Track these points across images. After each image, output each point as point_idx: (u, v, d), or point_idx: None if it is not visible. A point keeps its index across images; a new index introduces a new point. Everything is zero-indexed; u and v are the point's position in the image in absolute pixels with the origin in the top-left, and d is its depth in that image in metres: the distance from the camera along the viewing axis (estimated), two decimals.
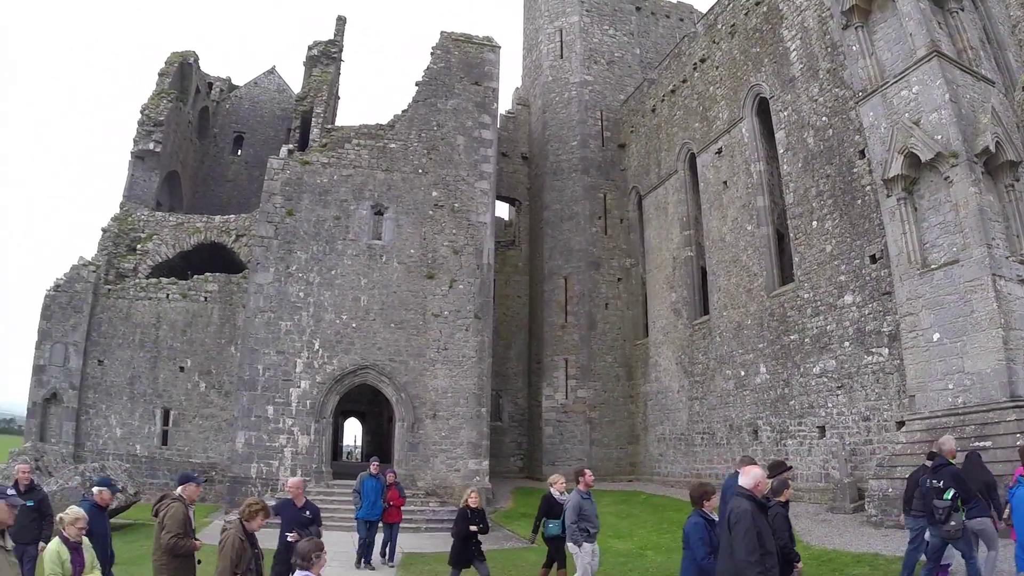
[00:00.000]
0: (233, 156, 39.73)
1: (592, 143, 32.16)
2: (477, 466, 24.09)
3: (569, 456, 28.77)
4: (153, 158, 31.66)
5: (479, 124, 26.98)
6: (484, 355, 24.80)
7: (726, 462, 22.73)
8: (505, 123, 33.77)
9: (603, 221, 31.27)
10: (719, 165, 24.85)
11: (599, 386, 29.70)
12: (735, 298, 23.29)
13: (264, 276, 24.51)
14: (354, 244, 24.97)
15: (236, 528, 7.72)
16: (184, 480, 9.14)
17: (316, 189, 25.35)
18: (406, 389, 24.10)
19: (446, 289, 24.86)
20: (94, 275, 27.71)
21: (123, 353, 27.23)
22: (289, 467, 23.57)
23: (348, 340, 24.24)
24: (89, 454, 26.13)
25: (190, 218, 30.20)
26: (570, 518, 11.18)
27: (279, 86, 40.66)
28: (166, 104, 32.28)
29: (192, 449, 26.68)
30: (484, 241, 25.57)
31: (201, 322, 27.07)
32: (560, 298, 30.35)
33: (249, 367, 23.99)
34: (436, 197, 25.67)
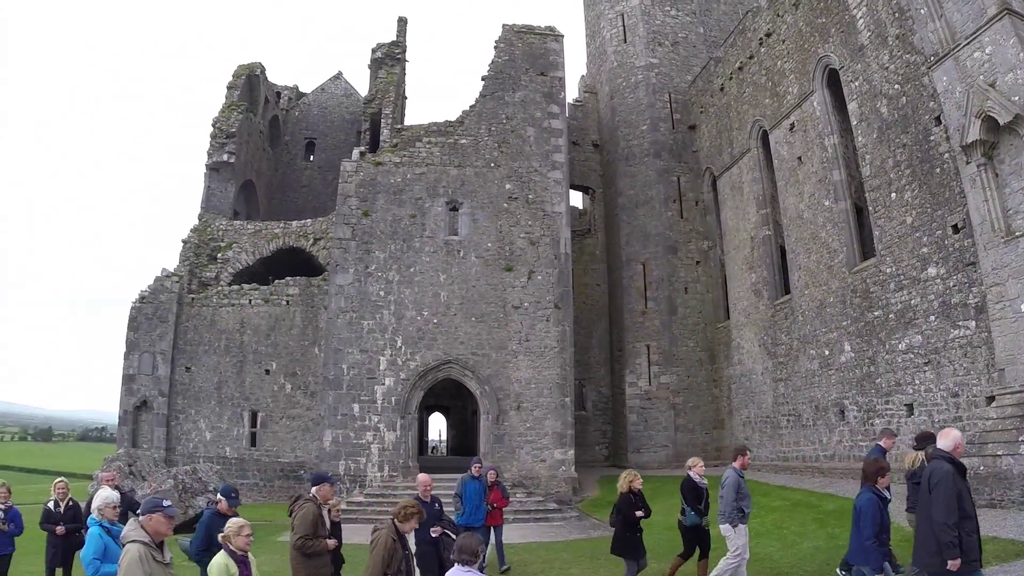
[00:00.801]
0: (305, 162, 40.43)
1: (662, 126, 31.72)
2: (563, 456, 24.03)
3: (654, 443, 28.57)
4: (228, 169, 32.31)
5: (548, 114, 26.88)
6: (566, 345, 24.72)
7: (812, 444, 22.31)
8: (573, 112, 33.52)
9: (678, 204, 30.84)
10: (792, 140, 24.28)
11: (682, 371, 29.33)
12: (816, 276, 22.71)
13: (344, 277, 24.82)
14: (431, 241, 25.14)
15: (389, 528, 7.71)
16: (318, 481, 9.15)
17: (390, 189, 25.57)
18: (489, 382, 24.16)
19: (525, 280, 24.83)
20: (177, 285, 28.37)
21: (209, 359, 27.87)
22: (376, 463, 23.93)
23: (430, 336, 24.42)
24: (180, 458, 26.85)
25: (268, 225, 30.74)
26: (729, 497, 10.82)
27: (346, 90, 41.13)
28: (237, 116, 32.87)
29: (280, 449, 27.16)
30: (560, 231, 25.46)
31: (284, 325, 27.54)
32: (639, 284, 30.02)
33: (334, 367, 24.32)
34: (510, 190, 25.65)
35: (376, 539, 7.64)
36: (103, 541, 7.38)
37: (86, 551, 7.35)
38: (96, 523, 7.62)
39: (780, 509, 16.82)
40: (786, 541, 13.98)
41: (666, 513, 18.55)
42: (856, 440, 20.22)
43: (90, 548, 7.32)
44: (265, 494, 26.82)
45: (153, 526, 6.02)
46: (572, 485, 23.95)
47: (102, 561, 7.25)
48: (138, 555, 5.80)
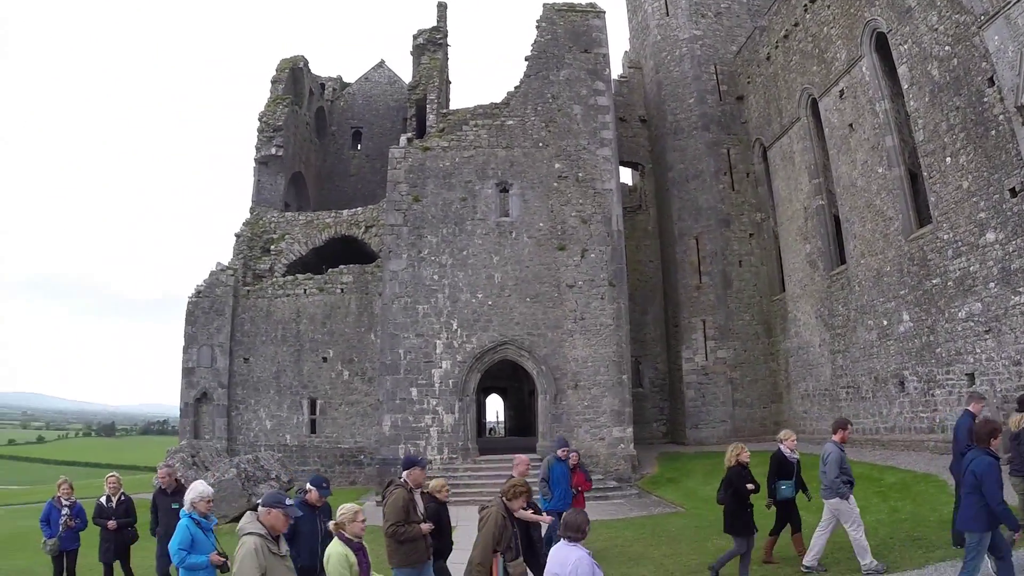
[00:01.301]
0: (353, 151, 40.62)
1: (709, 99, 31.25)
2: (621, 433, 23.94)
3: (712, 418, 28.36)
4: (276, 162, 32.60)
5: (593, 91, 26.62)
6: (621, 322, 24.58)
7: (872, 416, 21.87)
8: (619, 88, 33.12)
9: (729, 177, 30.41)
10: (842, 107, 23.75)
11: (738, 345, 29.02)
12: (871, 244, 22.22)
13: (397, 263, 24.95)
14: (483, 223, 25.13)
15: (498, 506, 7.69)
16: (409, 464, 9.00)
17: (439, 173, 25.61)
18: (546, 361, 24.13)
19: (578, 259, 24.70)
20: (232, 278, 28.74)
21: (267, 349, 28.24)
22: (436, 446, 24.10)
23: (486, 318, 24.46)
24: (241, 447, 27.27)
25: (319, 215, 30.97)
26: (832, 472, 10.50)
27: (389, 78, 41.20)
28: (282, 109, 33.09)
29: (340, 435, 27.47)
30: (612, 208, 25.26)
31: (339, 313, 27.78)
32: (692, 259, 29.70)
33: (390, 352, 24.49)
34: (559, 169, 25.50)
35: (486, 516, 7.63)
36: (190, 532, 7.45)
37: (173, 541, 7.45)
38: (186, 515, 7.64)
39: None
40: None
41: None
42: (917, 411, 19.80)
43: (177, 538, 7.42)
44: None
45: (271, 520, 6.02)
46: (631, 463, 23.89)
47: (188, 552, 7.35)
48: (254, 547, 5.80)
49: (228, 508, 19.39)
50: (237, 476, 19.86)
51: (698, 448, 26.94)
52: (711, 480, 20.78)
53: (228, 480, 19.74)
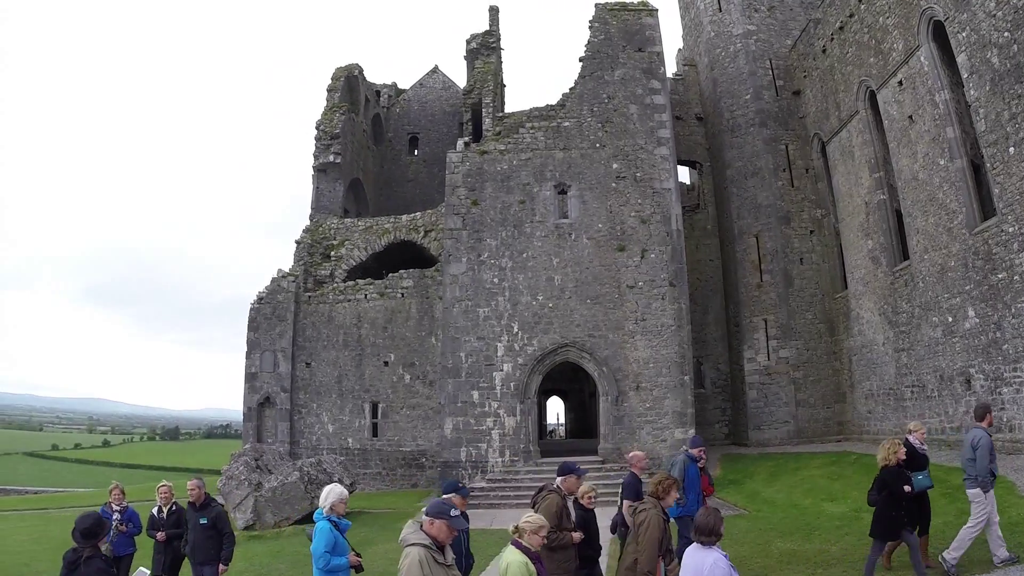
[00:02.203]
0: (410, 157, 41.01)
1: (765, 94, 30.87)
2: (683, 435, 23.53)
3: (774, 419, 27.95)
4: (335, 169, 33.05)
5: (649, 90, 26.47)
6: (682, 322, 24.38)
7: (938, 416, 21.28)
8: (674, 86, 32.90)
9: (788, 173, 29.98)
10: (901, 99, 23.25)
11: (800, 344, 28.55)
12: (935, 239, 21.68)
13: (457, 266, 25.11)
14: (541, 225, 25.13)
15: (654, 507, 7.45)
16: (565, 471, 8.78)
17: (497, 176, 25.70)
18: (607, 363, 24.04)
19: (638, 260, 24.57)
20: (294, 284, 29.18)
21: (328, 354, 28.61)
22: (497, 448, 24.17)
23: (546, 320, 24.45)
24: (304, 450, 27.70)
25: (378, 220, 31.32)
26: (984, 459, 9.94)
27: (444, 83, 41.48)
28: (339, 117, 33.53)
29: (402, 438, 27.71)
30: (671, 207, 25.07)
31: (400, 317, 28.04)
32: (753, 257, 29.34)
33: (451, 355, 24.63)
34: (617, 169, 25.39)
35: (645, 521, 7.37)
36: (333, 535, 7.67)
37: (317, 544, 7.63)
38: (324, 517, 7.83)
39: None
40: None
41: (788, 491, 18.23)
42: None
43: (321, 541, 7.61)
44: (388, 483, 27.50)
45: (434, 531, 5.90)
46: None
47: (332, 554, 7.55)
48: (419, 558, 5.69)
49: (291, 511, 19.71)
50: (300, 479, 20.14)
51: (760, 450, 26.65)
52: (774, 482, 20.61)
53: (291, 483, 20.04)
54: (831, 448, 25.00)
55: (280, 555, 15.43)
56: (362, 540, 16.91)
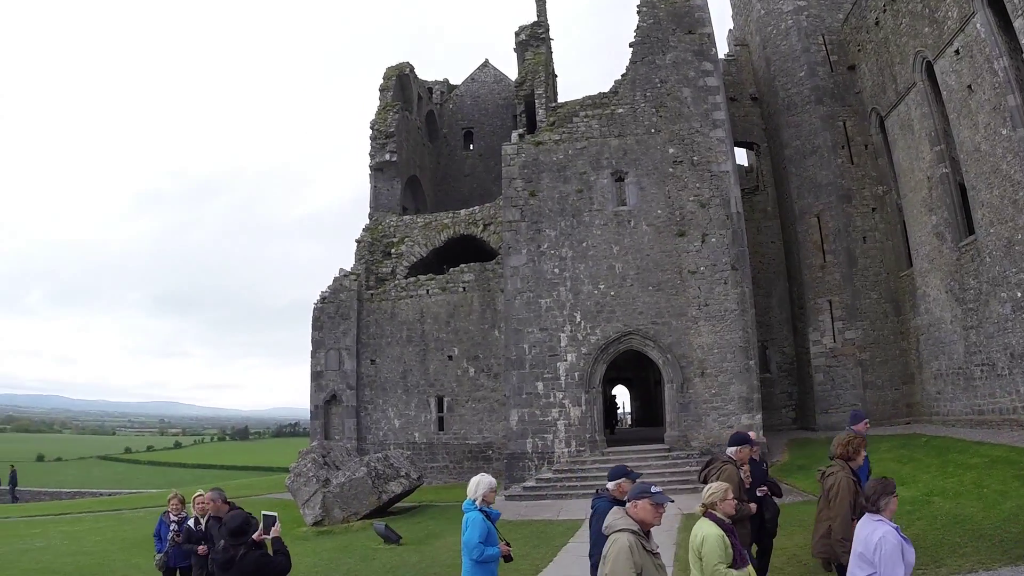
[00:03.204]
0: (466, 151, 41.28)
1: (820, 71, 30.25)
2: (750, 420, 23.32)
3: (842, 402, 27.29)
4: (391, 167, 33.42)
5: (701, 72, 26.10)
6: (746, 306, 24.06)
7: (1009, 395, 20.59)
8: (727, 67, 32.50)
9: (847, 150, 29.35)
10: (959, 69, 22.57)
11: (867, 325, 27.96)
12: (1000, 212, 21.01)
13: (517, 258, 25.20)
14: (600, 213, 25.05)
15: (844, 470, 7.30)
16: (739, 441, 8.69)
17: (553, 167, 25.70)
18: (671, 350, 23.88)
19: (699, 244, 24.33)
20: (356, 283, 29.64)
21: (393, 350, 29.02)
22: (563, 439, 24.20)
23: (608, 309, 24.39)
24: (371, 446, 28.19)
25: (437, 216, 31.64)
26: None
27: (495, 77, 41.57)
28: (393, 116, 33.87)
29: (467, 431, 28.02)
30: (729, 190, 24.73)
31: (462, 311, 28.30)
32: (815, 237, 28.82)
33: (515, 347, 24.75)
34: (673, 154, 25.16)
35: (836, 485, 7.26)
36: (487, 525, 7.65)
37: (471, 534, 7.61)
38: (474, 508, 7.81)
39: (978, 467, 15.81)
40: (987, 501, 13.01)
41: None
42: None
43: (475, 531, 7.59)
44: (456, 476, 27.78)
45: (639, 513, 5.62)
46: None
47: (485, 544, 7.54)
48: (628, 544, 5.41)
49: (359, 506, 19.98)
50: (367, 475, 20.38)
51: (828, 434, 25.99)
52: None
53: (359, 478, 20.30)
54: (900, 431, 24.50)
55: (348, 550, 15.67)
56: (430, 533, 17.19)
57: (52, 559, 15.89)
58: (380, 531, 16.21)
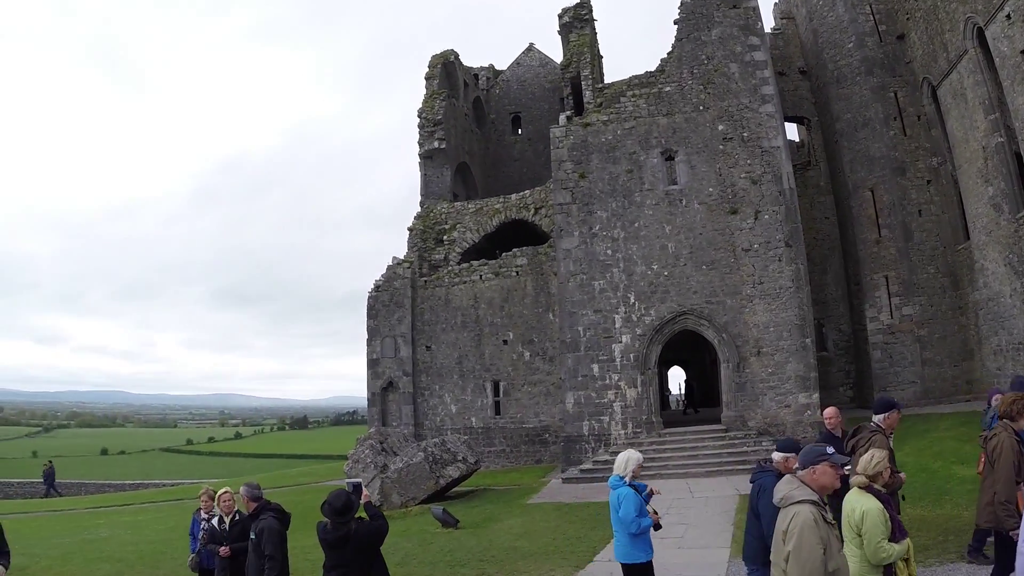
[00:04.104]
0: (514, 136, 41.35)
1: (868, 41, 29.57)
2: (807, 400, 23.10)
3: (900, 380, 26.93)
4: (440, 155, 33.62)
5: (748, 47, 25.69)
6: (801, 283, 23.74)
7: None
8: (774, 41, 31.99)
9: (899, 122, 28.71)
10: (1011, 34, 21.84)
11: (924, 300, 27.40)
12: None
13: (570, 241, 25.23)
14: (651, 193, 24.92)
15: (1006, 430, 7.04)
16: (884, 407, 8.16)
17: (602, 147, 25.63)
18: (726, 329, 23.73)
19: (752, 222, 24.06)
20: (409, 271, 29.94)
21: (448, 336, 29.29)
22: (619, 421, 24.24)
23: (662, 289, 24.30)
24: (428, 432, 28.50)
25: (487, 202, 31.81)
26: None
27: (541, 60, 41.48)
28: (440, 103, 34.03)
29: (524, 415, 28.19)
30: (781, 166, 24.40)
31: (516, 295, 28.44)
32: (869, 212, 28.32)
33: (569, 330, 24.82)
34: (723, 131, 24.89)
35: (998, 446, 7.01)
36: (639, 499, 7.79)
37: (627, 509, 7.72)
38: (623, 483, 7.90)
39: None
40: None
41: (917, 455, 17.77)
42: None
43: (631, 506, 7.71)
44: (513, 459, 28.02)
45: (819, 480, 5.19)
46: (819, 430, 22.90)
47: (640, 517, 7.69)
48: (812, 518, 4.97)
49: (416, 491, 20.21)
50: (425, 459, 20.59)
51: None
52: (902, 445, 19.78)
53: (416, 464, 20.53)
54: (960, 408, 23.93)
55: (407, 534, 15.83)
56: (487, 517, 17.37)
57: (115, 548, 16.36)
58: (438, 515, 16.40)
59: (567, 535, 14.34)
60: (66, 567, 14.83)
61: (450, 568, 12.25)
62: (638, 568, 7.94)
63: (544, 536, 14.44)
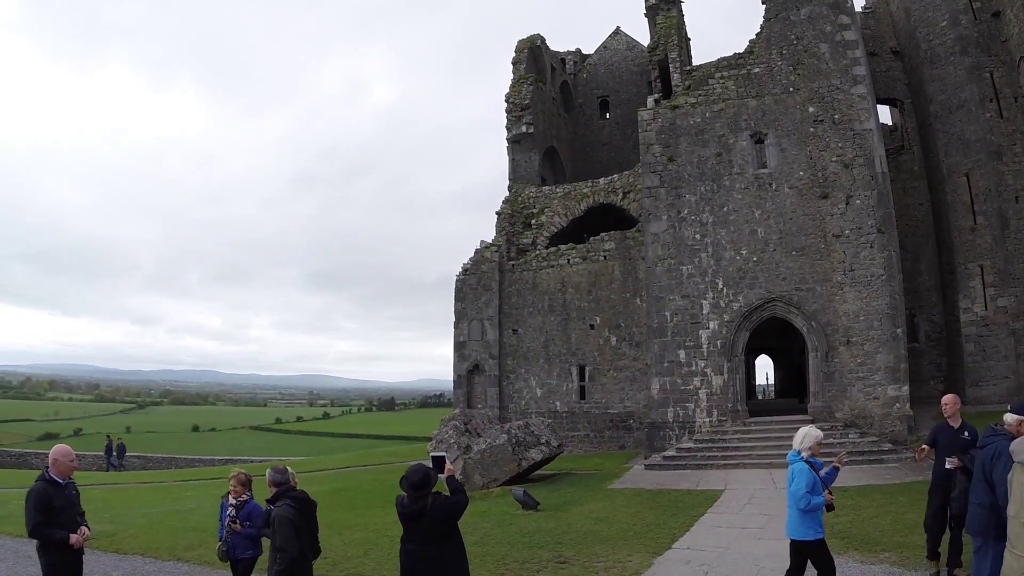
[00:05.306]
0: (602, 120, 41.15)
1: (963, 19, 28.43)
2: (896, 392, 22.51)
3: (994, 374, 25.94)
4: (528, 140, 33.83)
5: (838, 26, 24.97)
6: (893, 272, 23.10)
7: None
8: (865, 20, 31.01)
9: (995, 104, 27.56)
10: None
11: (1020, 292, 26.33)
12: None
13: (658, 225, 25.18)
14: (740, 177, 24.66)
15: None
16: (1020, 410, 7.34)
17: (691, 130, 25.45)
18: (816, 317, 23.33)
19: (843, 207, 23.52)
20: (497, 254, 30.25)
21: (534, 320, 29.51)
22: (704, 408, 24.13)
23: (751, 275, 24.06)
24: (513, 415, 28.77)
25: (575, 186, 31.88)
26: None
27: (628, 44, 41.20)
28: (527, 88, 34.16)
29: (609, 401, 28.21)
30: (873, 149, 23.74)
31: (604, 280, 28.45)
32: (964, 198, 27.30)
33: (656, 315, 24.81)
34: (813, 113, 24.35)
35: None
36: (812, 475, 7.86)
37: (798, 484, 7.82)
38: (800, 459, 8.01)
39: None
40: None
41: None
42: None
43: (802, 481, 7.81)
44: (596, 444, 28.11)
45: None
46: (907, 424, 22.24)
47: (812, 494, 7.77)
48: None
49: (498, 472, 20.41)
50: (508, 442, 20.72)
51: (979, 408, 24.62)
52: None
53: (499, 445, 20.68)
54: None
55: (487, 515, 15.99)
56: (568, 500, 17.54)
57: (200, 519, 16.78)
58: (518, 497, 16.59)
59: (646, 521, 14.39)
60: (152, 535, 15.36)
61: (527, 549, 12.39)
62: (804, 545, 8.00)
63: (623, 521, 14.49)
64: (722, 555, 11.38)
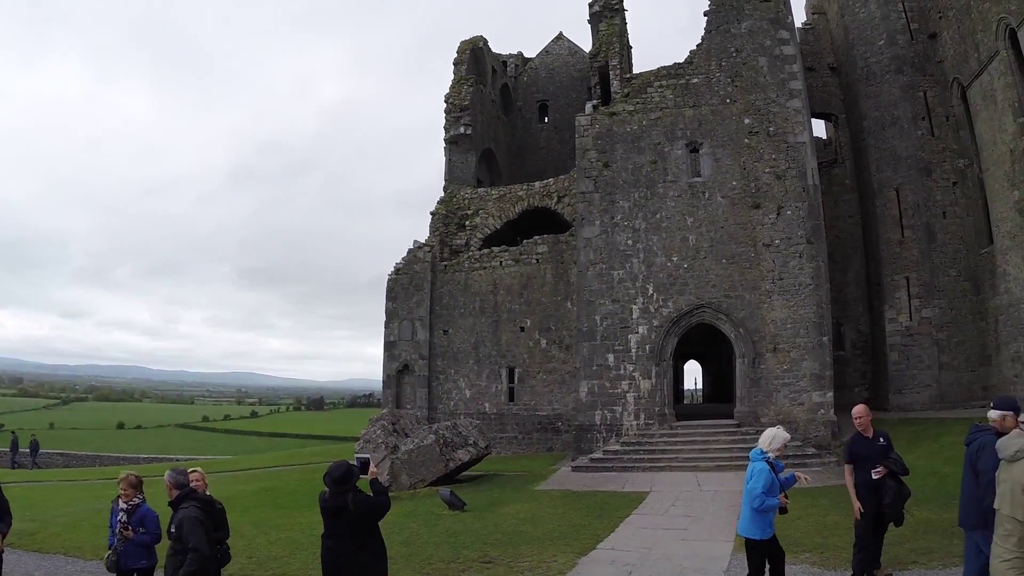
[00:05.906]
0: (540, 124, 41.39)
1: (899, 39, 29.24)
2: (821, 398, 22.96)
3: (916, 383, 26.74)
4: (466, 141, 33.74)
5: (777, 41, 25.48)
6: (821, 281, 23.60)
7: None
8: (804, 36, 31.77)
9: (927, 122, 28.39)
10: None
11: (944, 304, 27.11)
12: None
13: (591, 230, 25.25)
14: (674, 185, 24.88)
15: None
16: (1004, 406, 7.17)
17: (627, 137, 25.60)
18: (744, 324, 23.67)
19: (774, 217, 23.93)
20: (429, 255, 30.11)
21: (465, 321, 29.42)
22: (632, 412, 24.27)
23: (681, 281, 24.28)
24: (441, 415, 28.67)
25: (511, 189, 31.88)
26: None
27: (570, 49, 41.42)
28: (467, 89, 34.11)
29: (538, 403, 28.30)
30: (806, 162, 24.23)
31: (536, 283, 28.51)
32: (893, 212, 28.06)
33: (587, 319, 24.86)
34: (749, 124, 24.75)
35: None
36: (772, 476, 7.81)
37: (755, 483, 7.76)
38: (762, 458, 7.94)
39: None
40: None
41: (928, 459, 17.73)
42: None
43: (760, 481, 7.75)
44: (524, 446, 28.15)
45: None
46: (831, 429, 22.74)
47: (767, 495, 7.70)
48: None
49: (426, 472, 20.28)
50: (436, 442, 20.62)
51: (901, 415, 25.43)
52: (913, 448, 19.76)
53: (427, 446, 20.56)
54: (975, 414, 23.52)
55: (413, 515, 15.90)
56: (494, 501, 17.46)
57: None
58: (445, 497, 16.48)
59: (572, 522, 14.39)
60: (75, 534, 15.00)
61: (453, 549, 12.30)
62: (751, 544, 8.02)
63: (549, 522, 14.50)
64: (646, 555, 11.42)
